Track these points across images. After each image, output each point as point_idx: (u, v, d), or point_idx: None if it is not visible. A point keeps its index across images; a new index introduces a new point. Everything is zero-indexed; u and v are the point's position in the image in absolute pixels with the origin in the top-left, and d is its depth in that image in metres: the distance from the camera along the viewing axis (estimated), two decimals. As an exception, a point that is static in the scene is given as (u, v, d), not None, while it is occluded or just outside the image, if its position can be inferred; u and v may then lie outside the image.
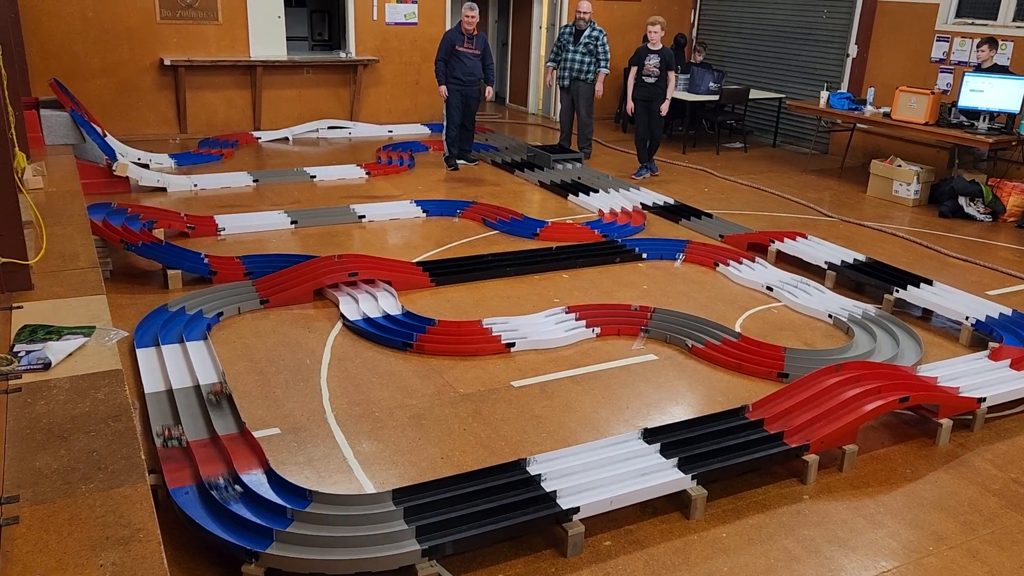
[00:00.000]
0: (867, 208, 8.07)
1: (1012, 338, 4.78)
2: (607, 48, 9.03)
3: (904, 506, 3.41)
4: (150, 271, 5.48)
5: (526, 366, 4.47)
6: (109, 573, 1.92)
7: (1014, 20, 8.59)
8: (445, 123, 8.79)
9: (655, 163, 8.73)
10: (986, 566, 3.06)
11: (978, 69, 8.21)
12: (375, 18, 10.63)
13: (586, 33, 8.96)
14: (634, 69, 8.49)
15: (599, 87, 9.10)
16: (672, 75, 8.30)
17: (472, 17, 8.34)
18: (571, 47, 9.09)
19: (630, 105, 8.59)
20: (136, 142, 8.94)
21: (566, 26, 9.30)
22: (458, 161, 8.91)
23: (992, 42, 8.17)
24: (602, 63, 9.01)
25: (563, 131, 9.80)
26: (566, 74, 9.19)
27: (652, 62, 8.26)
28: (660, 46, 8.28)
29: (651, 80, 8.33)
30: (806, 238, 6.55)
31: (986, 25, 8.78)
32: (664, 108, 8.42)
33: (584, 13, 8.93)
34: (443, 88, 8.48)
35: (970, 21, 8.96)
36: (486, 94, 8.84)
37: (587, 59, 9.02)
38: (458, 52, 8.40)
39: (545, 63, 9.78)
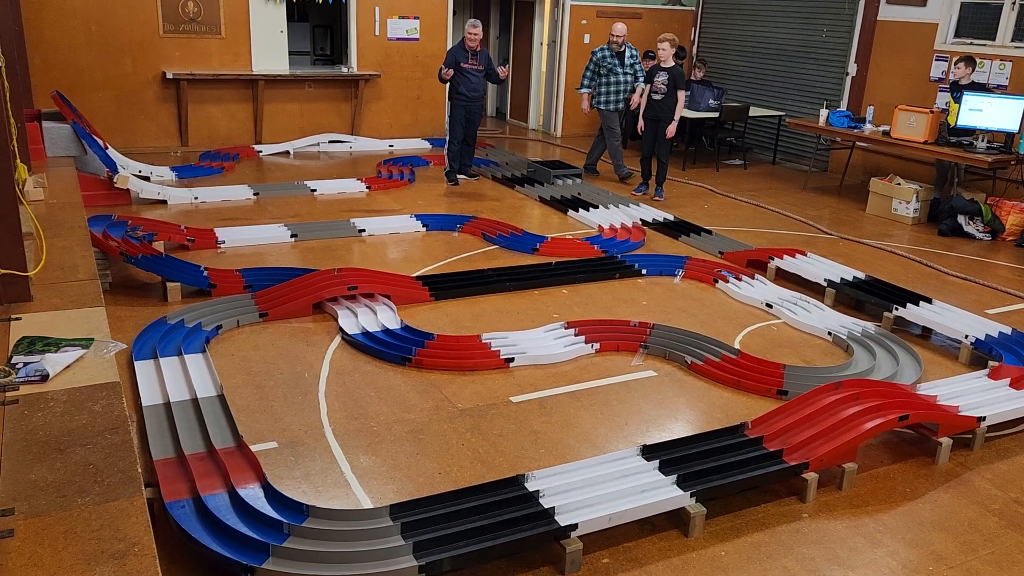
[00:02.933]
0: (866, 226, 8.08)
1: (1012, 357, 4.77)
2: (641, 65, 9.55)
3: (904, 525, 3.39)
4: (149, 283, 5.48)
5: (525, 381, 4.46)
6: (104, 587, 1.90)
7: (1012, 40, 8.65)
8: (448, 138, 8.82)
9: (662, 190, 8.72)
10: (986, 587, 3.05)
11: (955, 86, 8.26)
12: (377, 33, 10.69)
13: (628, 54, 9.28)
14: (647, 87, 8.52)
15: (637, 98, 9.26)
16: (681, 94, 8.30)
17: (475, 34, 8.36)
18: (620, 69, 9.24)
19: (641, 123, 8.63)
20: (137, 154, 8.97)
21: (602, 50, 9.27)
22: (459, 176, 8.94)
23: (969, 60, 8.23)
24: (641, 79, 9.33)
25: (593, 154, 9.72)
26: (621, 97, 9.36)
27: (660, 79, 8.30)
28: (671, 64, 8.30)
29: (658, 97, 8.35)
30: (805, 255, 6.56)
31: (985, 45, 8.84)
32: (671, 130, 8.37)
33: (620, 36, 9.14)
34: (448, 71, 8.37)
35: (969, 41, 9.02)
36: (499, 72, 8.74)
37: (631, 78, 9.35)
38: (463, 69, 8.44)
39: (578, 89, 9.61)
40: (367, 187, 8.44)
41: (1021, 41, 8.60)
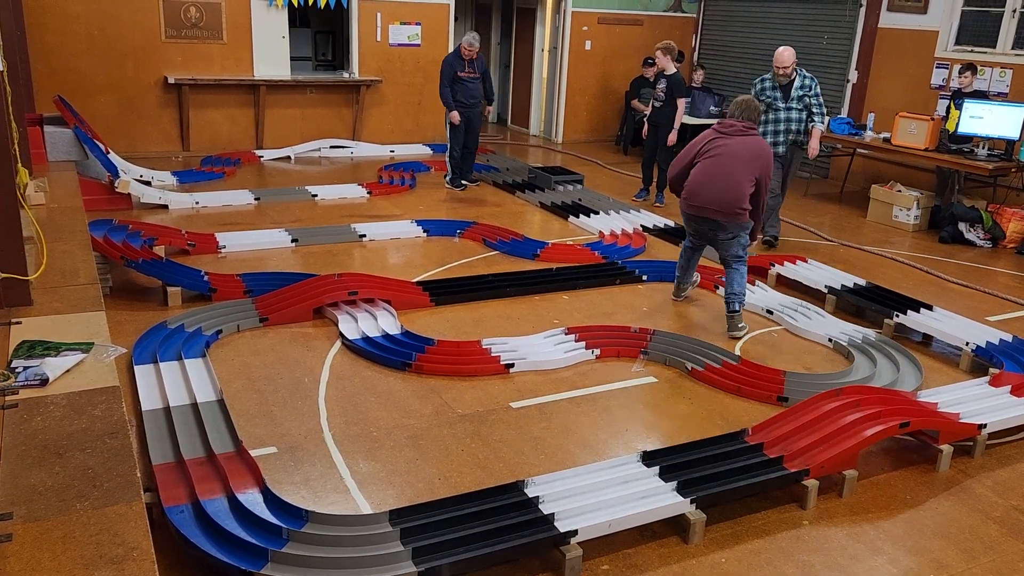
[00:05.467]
0: (867, 233, 8.08)
1: (1012, 364, 4.77)
2: (821, 96, 7.19)
3: (904, 532, 3.38)
4: (150, 288, 5.48)
5: (525, 387, 4.45)
6: (102, 592, 1.90)
7: (1013, 48, 8.66)
8: (448, 144, 8.82)
9: (663, 196, 8.72)
10: (987, 594, 3.04)
11: (957, 94, 8.28)
12: (378, 39, 10.71)
13: (798, 84, 7.02)
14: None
15: (815, 145, 7.16)
16: (681, 102, 8.31)
17: (472, 49, 8.42)
18: (781, 104, 7.02)
19: (645, 128, 8.69)
20: (139, 159, 8.97)
21: (762, 80, 7.18)
22: (462, 181, 8.96)
23: (972, 68, 8.27)
24: (816, 116, 7.10)
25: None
26: (781, 139, 7.04)
27: (660, 86, 8.38)
28: (672, 71, 8.32)
29: (658, 104, 8.43)
30: (806, 262, 6.55)
31: (985, 52, 8.84)
32: (671, 138, 8.36)
33: (784, 65, 6.95)
34: (454, 114, 8.53)
35: (970, 48, 9.03)
36: (486, 113, 8.87)
37: (805, 115, 7.11)
38: (459, 78, 8.49)
39: None
40: (368, 192, 8.45)
41: (1021, 49, 8.61)
